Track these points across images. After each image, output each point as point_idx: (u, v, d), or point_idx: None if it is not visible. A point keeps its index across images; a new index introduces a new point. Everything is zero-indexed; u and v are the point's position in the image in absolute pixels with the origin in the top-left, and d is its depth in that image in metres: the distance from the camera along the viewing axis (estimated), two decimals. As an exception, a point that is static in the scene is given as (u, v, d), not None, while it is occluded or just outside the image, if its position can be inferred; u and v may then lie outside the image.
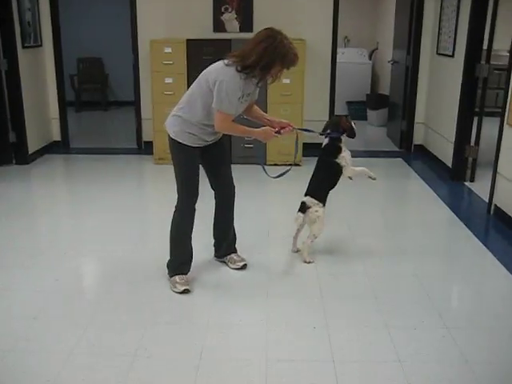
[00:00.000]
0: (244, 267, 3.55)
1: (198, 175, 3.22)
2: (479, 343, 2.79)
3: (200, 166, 3.25)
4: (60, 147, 6.87)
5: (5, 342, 2.77)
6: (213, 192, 3.45)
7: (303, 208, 3.59)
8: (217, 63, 3.09)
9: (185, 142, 3.13)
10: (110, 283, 3.40)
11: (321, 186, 3.69)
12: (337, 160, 3.63)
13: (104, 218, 4.50)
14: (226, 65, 3.00)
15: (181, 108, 3.16)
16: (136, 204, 5.00)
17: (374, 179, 3.81)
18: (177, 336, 2.84)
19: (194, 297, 3.22)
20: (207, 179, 3.40)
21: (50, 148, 6.76)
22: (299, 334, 2.86)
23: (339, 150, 3.63)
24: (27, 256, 3.78)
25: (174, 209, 3.27)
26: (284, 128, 3.33)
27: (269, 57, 2.94)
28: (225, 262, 3.60)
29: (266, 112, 5.87)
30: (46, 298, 3.20)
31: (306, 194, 3.64)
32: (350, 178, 3.75)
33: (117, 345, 2.75)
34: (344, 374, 2.52)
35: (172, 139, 3.18)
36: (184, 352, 2.70)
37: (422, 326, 2.94)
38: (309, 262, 3.63)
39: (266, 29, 3.04)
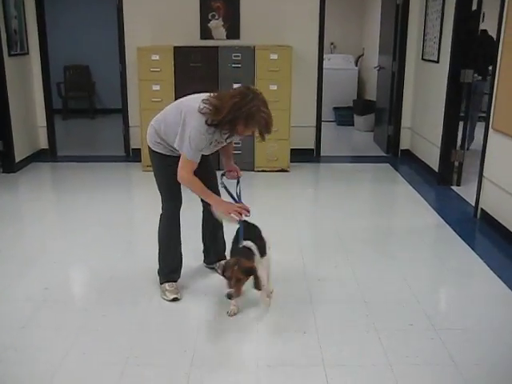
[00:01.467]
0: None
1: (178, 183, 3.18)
2: (467, 345, 2.82)
3: None
4: (47, 155, 6.84)
5: (-7, 351, 2.76)
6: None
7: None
8: (195, 99, 2.97)
9: (162, 152, 3.13)
10: (100, 291, 3.39)
11: None
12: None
13: (92, 227, 4.48)
14: (200, 111, 2.89)
15: (158, 122, 3.13)
16: (124, 211, 4.99)
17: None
18: (167, 343, 2.84)
19: (185, 303, 3.22)
20: None
21: (38, 156, 6.73)
22: (289, 339, 2.87)
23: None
24: (16, 265, 3.76)
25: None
26: (230, 171, 3.36)
27: (234, 113, 2.80)
28: (214, 269, 3.59)
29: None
30: (36, 306, 3.18)
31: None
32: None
33: (107, 353, 2.75)
34: (334, 378, 2.54)
35: (150, 149, 3.18)
36: (175, 359, 2.69)
37: (410, 329, 2.96)
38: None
39: (244, 86, 2.98)
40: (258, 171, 6.09)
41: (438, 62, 5.82)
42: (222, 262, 3.30)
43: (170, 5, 6.36)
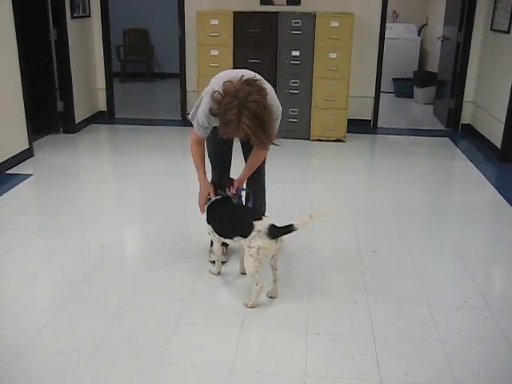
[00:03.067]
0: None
1: (226, 152, 3.17)
2: (523, 327, 2.75)
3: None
4: (106, 117, 6.98)
5: (53, 303, 2.88)
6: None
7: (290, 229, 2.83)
8: (222, 78, 2.80)
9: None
10: (154, 252, 3.46)
11: None
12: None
13: (148, 189, 4.57)
14: (212, 94, 2.75)
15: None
16: (179, 176, 5.05)
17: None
18: (219, 305, 2.89)
19: (235, 268, 3.25)
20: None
21: (96, 118, 6.88)
22: (340, 309, 2.87)
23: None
24: (74, 223, 3.88)
25: None
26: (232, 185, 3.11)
27: (221, 113, 2.67)
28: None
29: (312, 88, 5.88)
30: (93, 263, 3.29)
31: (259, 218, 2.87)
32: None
33: (160, 311, 2.82)
34: (383, 350, 2.52)
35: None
36: (226, 321, 2.74)
37: (464, 307, 2.90)
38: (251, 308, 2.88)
39: (244, 81, 2.70)
40: (314, 140, 6.03)
41: (508, 32, 5.55)
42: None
43: (231, -31, 6.29)
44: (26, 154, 5.23)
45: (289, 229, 2.78)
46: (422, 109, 8.19)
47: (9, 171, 4.87)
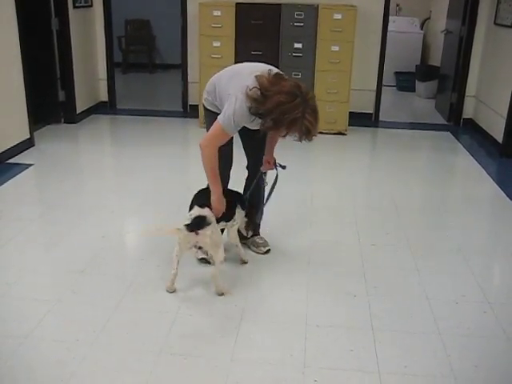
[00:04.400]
0: (267, 252, 3.37)
1: (228, 146, 3.07)
2: (522, 321, 2.76)
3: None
4: (107, 108, 6.97)
5: (53, 292, 2.89)
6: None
7: (201, 223, 2.78)
8: (248, 74, 2.77)
9: (214, 110, 3.02)
10: (154, 243, 3.47)
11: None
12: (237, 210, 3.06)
13: (149, 179, 4.58)
14: (247, 92, 2.69)
15: (212, 84, 3.01)
16: (180, 167, 5.06)
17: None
18: (216, 297, 2.89)
19: (234, 261, 3.26)
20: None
21: (97, 108, 6.86)
22: (339, 301, 2.88)
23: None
24: (75, 213, 3.89)
25: None
26: (268, 163, 3.18)
27: (276, 113, 2.61)
28: (246, 244, 3.40)
29: (314, 80, 5.86)
30: (93, 253, 3.30)
31: (201, 205, 2.89)
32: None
33: (160, 301, 2.83)
34: (382, 342, 2.53)
35: (203, 106, 3.11)
36: (226, 312, 2.75)
37: (463, 301, 2.91)
38: (222, 294, 2.89)
39: (296, 84, 2.68)
40: (315, 133, 6.01)
41: None
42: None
43: (234, -41, 6.26)
44: (27, 144, 5.22)
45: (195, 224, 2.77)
46: (423, 103, 8.17)
47: (9, 161, 4.87)
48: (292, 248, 3.45)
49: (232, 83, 2.84)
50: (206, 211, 2.83)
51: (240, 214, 3.11)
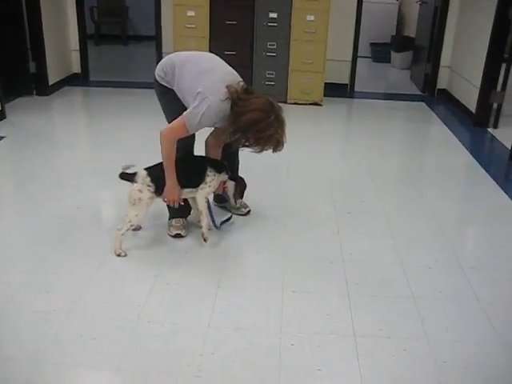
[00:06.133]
0: (248, 213, 3.46)
1: None
2: (492, 284, 2.83)
3: None
4: (80, 79, 6.84)
5: (29, 263, 2.86)
6: None
7: (131, 178, 2.95)
8: (217, 81, 2.80)
9: (168, 86, 3.01)
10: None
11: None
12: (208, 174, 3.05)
13: (124, 150, 4.53)
14: (221, 99, 2.74)
15: (171, 69, 2.97)
16: (155, 137, 4.99)
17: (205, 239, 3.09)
18: (195, 266, 2.90)
19: (216, 232, 3.26)
20: None
21: (70, 80, 6.73)
22: (315, 268, 2.91)
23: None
24: (49, 185, 3.84)
25: None
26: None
27: (250, 129, 2.73)
28: (226, 208, 3.46)
29: (289, 50, 5.81)
30: (68, 224, 3.27)
31: (147, 168, 3.01)
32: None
33: (136, 271, 2.84)
34: (357, 306, 2.58)
35: (157, 83, 3.06)
36: (202, 280, 2.76)
37: (436, 265, 2.97)
38: (119, 255, 2.94)
39: (269, 101, 2.77)
40: (291, 103, 6.01)
41: (485, -3, 5.56)
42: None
43: None
44: (-2, 116, 5.12)
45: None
46: (398, 74, 8.21)
47: (-20, 133, 4.78)
48: (268, 216, 3.47)
49: (203, 81, 2.81)
50: (142, 172, 2.96)
51: (217, 178, 3.08)
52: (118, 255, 2.93)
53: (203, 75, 2.85)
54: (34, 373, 2.11)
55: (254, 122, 2.72)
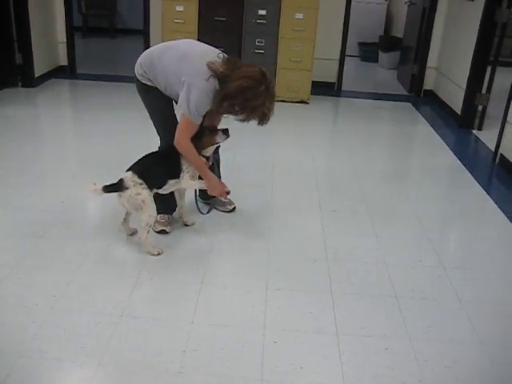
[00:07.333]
0: (233, 210, 3.45)
1: (173, 112, 3.05)
2: (474, 284, 2.86)
3: None
4: (66, 72, 6.79)
5: (12, 256, 2.83)
6: None
7: (118, 187, 2.86)
8: (199, 61, 2.76)
9: (150, 83, 2.97)
10: (115, 208, 3.43)
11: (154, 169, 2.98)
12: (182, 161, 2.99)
13: (109, 144, 4.52)
14: (206, 79, 2.72)
15: (150, 63, 2.93)
16: (142, 131, 4.98)
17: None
18: (180, 262, 2.90)
19: (202, 226, 3.26)
20: None
21: (57, 72, 6.68)
22: (299, 266, 2.93)
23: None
24: (35, 178, 3.81)
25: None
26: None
27: (238, 97, 2.69)
28: (210, 204, 3.37)
29: (277, 48, 5.81)
30: (52, 218, 3.25)
31: (128, 169, 2.93)
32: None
33: (121, 266, 2.84)
34: (340, 305, 2.60)
35: (138, 81, 3.01)
36: (187, 276, 2.76)
37: (419, 265, 3.00)
38: (157, 254, 2.93)
39: (261, 71, 2.75)
40: (278, 101, 5.97)
41: (472, -1, 5.61)
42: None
43: None
44: (-17, 107, 5.07)
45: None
46: (386, 73, 8.25)
47: (-36, 124, 4.73)
48: (253, 212, 3.49)
49: (184, 68, 2.80)
50: (127, 175, 2.87)
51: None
52: (158, 254, 2.91)
53: (182, 62, 2.82)
54: (16, 367, 2.10)
55: (243, 89, 2.68)
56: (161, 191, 3.01)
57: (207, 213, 3.26)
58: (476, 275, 2.96)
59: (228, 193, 3.11)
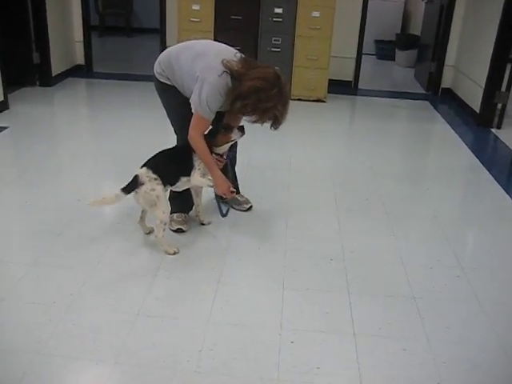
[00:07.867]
0: (249, 209, 3.45)
1: (190, 110, 2.97)
2: (493, 285, 2.82)
3: None
4: (83, 71, 6.84)
5: (29, 255, 2.85)
6: None
7: (134, 184, 2.85)
8: (213, 58, 2.77)
9: (168, 82, 2.99)
10: (131, 207, 3.43)
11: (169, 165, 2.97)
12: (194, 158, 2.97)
13: (126, 142, 4.53)
14: (219, 75, 2.72)
15: (169, 63, 2.94)
16: (158, 129, 4.99)
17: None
18: (195, 260, 2.90)
19: (218, 226, 3.26)
20: None
21: (74, 71, 6.73)
22: (316, 265, 2.90)
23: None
24: (51, 176, 3.84)
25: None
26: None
27: (250, 97, 2.67)
28: (227, 204, 3.38)
29: (294, 46, 5.79)
30: (69, 216, 3.26)
31: (143, 166, 2.93)
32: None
33: (137, 265, 2.83)
34: (358, 305, 2.57)
35: (156, 80, 3.03)
36: (203, 275, 2.76)
37: (437, 265, 2.96)
38: (174, 253, 2.92)
39: (275, 73, 2.74)
40: (294, 99, 5.99)
41: (491, -4, 5.54)
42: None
43: None
44: (1, 107, 5.10)
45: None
46: (403, 72, 8.18)
47: (-17, 123, 4.77)
48: (270, 212, 3.47)
49: (198, 65, 2.80)
50: (141, 171, 2.88)
51: None
52: (174, 253, 2.91)
53: (197, 59, 2.83)
54: (33, 365, 2.11)
55: (256, 89, 2.67)
56: (173, 188, 3.01)
57: (225, 214, 3.25)
58: (496, 276, 2.92)
59: (233, 192, 3.06)
